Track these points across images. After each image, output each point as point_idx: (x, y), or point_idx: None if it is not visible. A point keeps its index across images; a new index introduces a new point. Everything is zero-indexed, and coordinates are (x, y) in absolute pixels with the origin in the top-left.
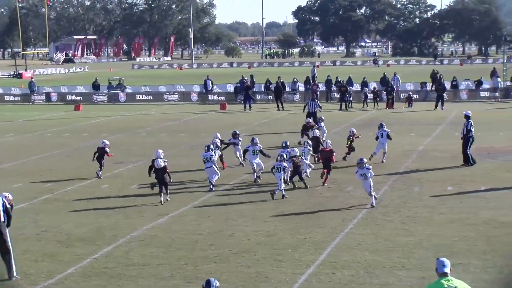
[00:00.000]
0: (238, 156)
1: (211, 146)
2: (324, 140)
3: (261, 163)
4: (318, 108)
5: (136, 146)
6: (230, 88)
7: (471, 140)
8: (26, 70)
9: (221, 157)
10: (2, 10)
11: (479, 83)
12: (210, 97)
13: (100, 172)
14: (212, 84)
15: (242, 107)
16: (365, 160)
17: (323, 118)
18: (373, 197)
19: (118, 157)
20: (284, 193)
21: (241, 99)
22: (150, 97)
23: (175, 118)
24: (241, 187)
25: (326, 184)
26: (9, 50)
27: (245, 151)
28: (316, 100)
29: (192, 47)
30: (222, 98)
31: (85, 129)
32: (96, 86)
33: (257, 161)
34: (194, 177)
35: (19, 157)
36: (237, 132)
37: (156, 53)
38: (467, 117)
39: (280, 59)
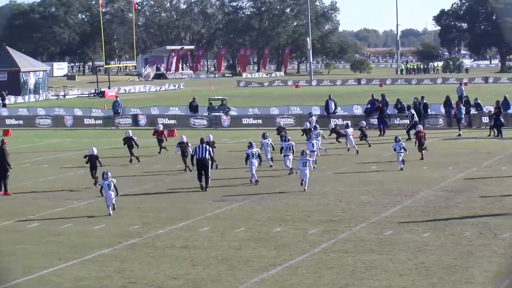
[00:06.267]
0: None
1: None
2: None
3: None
4: None
5: (244, 182)
6: (358, 110)
7: None
8: (109, 88)
9: None
10: (83, 16)
11: None
12: (333, 121)
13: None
14: (335, 105)
15: (373, 132)
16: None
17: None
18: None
19: (220, 194)
20: None
21: (370, 124)
22: (260, 121)
23: None
24: (370, 231)
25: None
26: (90, 63)
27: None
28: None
29: (311, 60)
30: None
31: (179, 159)
32: (193, 108)
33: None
34: (312, 219)
35: (98, 193)
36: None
37: (266, 68)
38: None
39: (419, 75)
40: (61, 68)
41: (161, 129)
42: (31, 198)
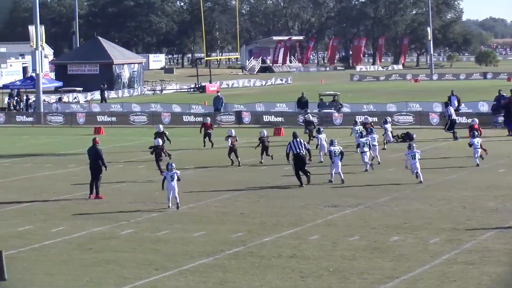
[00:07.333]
0: None
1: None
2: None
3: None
4: None
5: (357, 187)
6: (483, 107)
7: None
8: (210, 82)
9: None
10: (182, 4)
11: None
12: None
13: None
14: (458, 101)
15: (500, 132)
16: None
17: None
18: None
19: (330, 198)
20: None
21: (497, 122)
22: (375, 119)
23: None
24: (497, 240)
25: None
26: (189, 55)
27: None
28: None
29: (432, 52)
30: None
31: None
32: (302, 104)
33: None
34: (433, 227)
35: (199, 197)
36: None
37: (382, 60)
38: None
39: None
40: (157, 60)
41: (209, 123)
42: (125, 202)
